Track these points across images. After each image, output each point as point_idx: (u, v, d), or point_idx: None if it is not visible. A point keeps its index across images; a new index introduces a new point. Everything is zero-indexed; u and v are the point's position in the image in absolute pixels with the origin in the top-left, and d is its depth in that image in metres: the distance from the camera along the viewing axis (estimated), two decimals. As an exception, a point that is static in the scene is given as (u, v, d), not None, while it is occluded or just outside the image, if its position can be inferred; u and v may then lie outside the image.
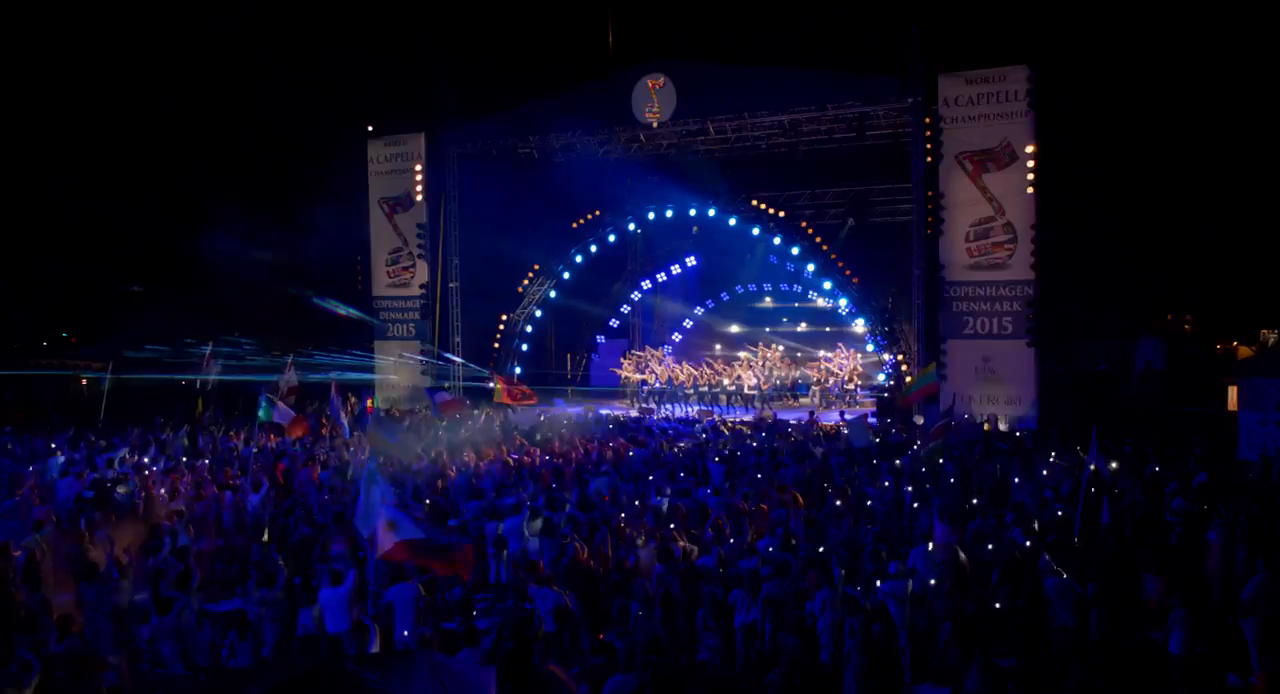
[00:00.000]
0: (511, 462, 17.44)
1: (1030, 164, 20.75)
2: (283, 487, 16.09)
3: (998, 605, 9.72)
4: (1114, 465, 14.86)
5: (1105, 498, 12.78)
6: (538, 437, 20.60)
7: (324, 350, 25.65)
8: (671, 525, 12.58)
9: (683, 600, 10.08)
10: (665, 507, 13.63)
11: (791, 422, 22.00)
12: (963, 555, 10.76)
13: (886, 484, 14.74)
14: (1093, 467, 12.83)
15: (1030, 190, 20.76)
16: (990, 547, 11.58)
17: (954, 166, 21.50)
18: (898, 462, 16.39)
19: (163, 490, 15.14)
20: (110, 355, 23.95)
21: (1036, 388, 20.93)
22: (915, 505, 12.74)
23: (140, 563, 11.01)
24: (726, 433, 20.71)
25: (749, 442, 19.23)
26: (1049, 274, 20.77)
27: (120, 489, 14.54)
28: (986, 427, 19.90)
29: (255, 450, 17.79)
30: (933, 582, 10.21)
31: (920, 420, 20.87)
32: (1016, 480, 14.64)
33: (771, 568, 10.53)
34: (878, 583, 9.96)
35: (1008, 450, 17.53)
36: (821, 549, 11.22)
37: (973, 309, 21.50)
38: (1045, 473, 15.19)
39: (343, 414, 21.23)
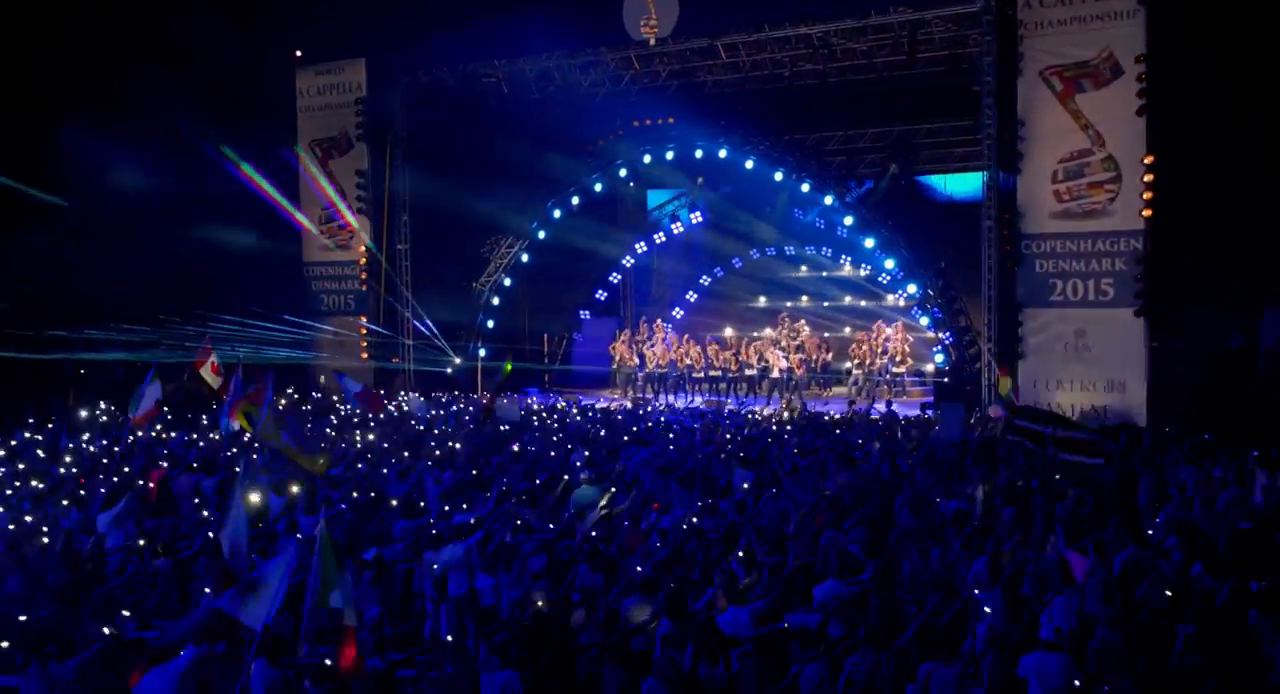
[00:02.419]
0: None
1: (1140, 80, 18.38)
2: (155, 500, 13.36)
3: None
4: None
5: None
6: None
7: (245, 326, 23.29)
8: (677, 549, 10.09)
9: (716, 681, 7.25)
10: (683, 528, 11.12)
11: (829, 414, 19.75)
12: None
13: (977, 495, 12.02)
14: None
15: (1140, 114, 18.39)
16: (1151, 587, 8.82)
17: (1037, 85, 19.18)
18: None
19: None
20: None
21: (1148, 370, 18.62)
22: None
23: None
24: (743, 429, 18.21)
25: (774, 438, 16.65)
26: (1163, 223, 18.41)
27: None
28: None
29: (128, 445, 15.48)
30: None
31: (997, 413, 18.28)
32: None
33: (844, 627, 7.76)
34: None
35: (1121, 451, 14.98)
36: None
37: (1061, 269, 19.30)
38: (1190, 481, 12.61)
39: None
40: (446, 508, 12.28)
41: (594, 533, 10.97)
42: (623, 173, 25.47)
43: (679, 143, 24.13)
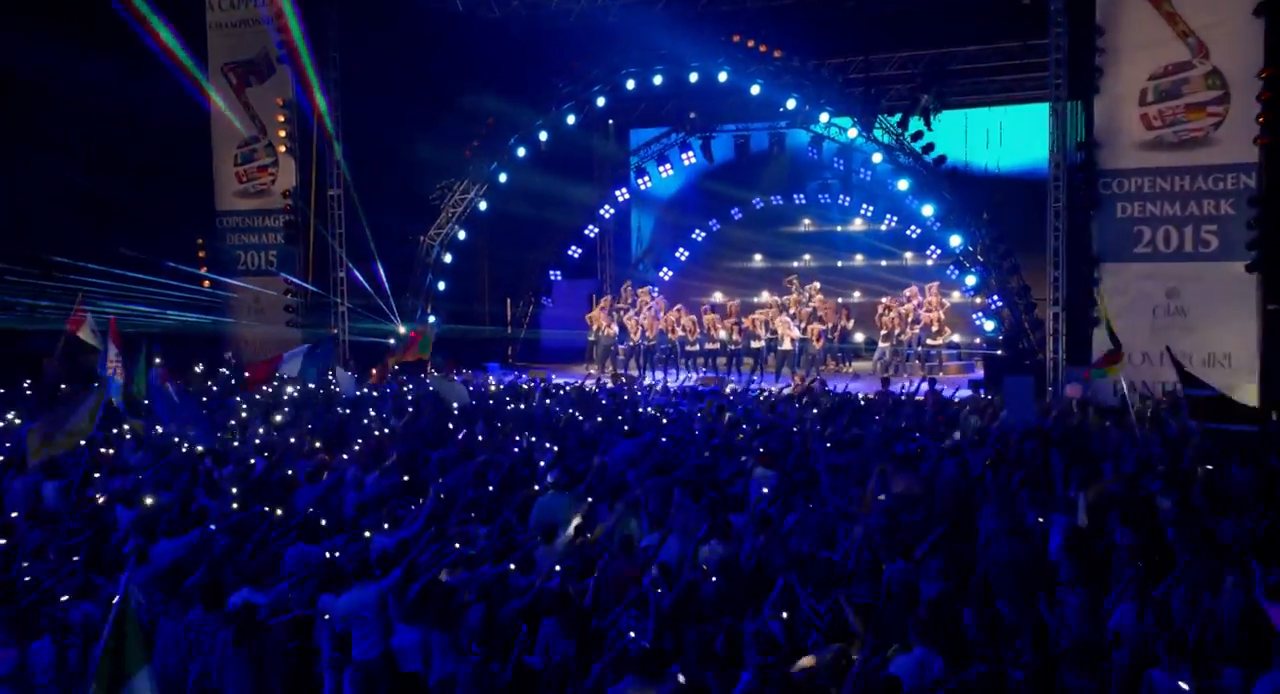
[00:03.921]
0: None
1: (1256, -27, 16.83)
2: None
3: None
4: None
5: None
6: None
7: (130, 282, 21.22)
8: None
9: None
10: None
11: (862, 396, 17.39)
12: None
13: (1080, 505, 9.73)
14: None
15: (1258, 14, 16.78)
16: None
17: (1123, -17, 17.69)
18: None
19: None
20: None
21: (1261, 340, 17.20)
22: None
23: None
24: (755, 414, 15.63)
25: (799, 426, 14.11)
26: (1280, 156, 17.10)
27: None
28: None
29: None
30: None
31: (1075, 391, 16.74)
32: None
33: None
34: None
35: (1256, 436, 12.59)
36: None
37: (1149, 214, 17.99)
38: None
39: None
40: (367, 533, 9.54)
41: (561, 567, 8.39)
42: (600, 102, 23.86)
43: (669, 64, 22.36)
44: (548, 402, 17.33)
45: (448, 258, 25.52)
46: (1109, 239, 18.19)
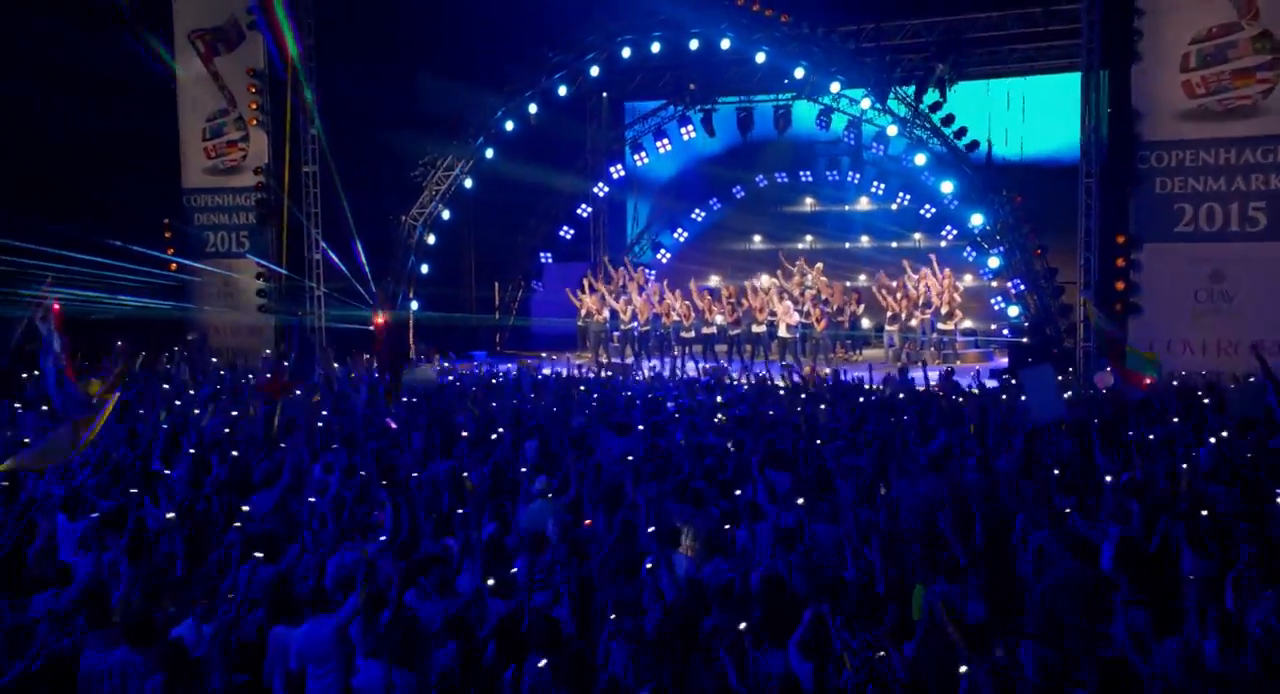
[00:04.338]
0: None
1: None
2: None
3: None
4: None
5: None
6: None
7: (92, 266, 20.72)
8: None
9: None
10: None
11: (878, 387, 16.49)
12: None
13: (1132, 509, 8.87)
14: None
15: None
16: None
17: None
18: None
19: None
20: None
21: None
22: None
23: None
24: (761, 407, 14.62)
25: (807, 420, 13.14)
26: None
27: None
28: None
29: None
30: None
31: (1106, 380, 15.71)
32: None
33: None
34: None
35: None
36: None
37: (1191, 189, 17.47)
38: None
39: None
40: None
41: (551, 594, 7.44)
42: (594, 72, 23.17)
43: (668, 30, 21.66)
44: (532, 394, 16.33)
45: (431, 239, 25.11)
46: (1147, 218, 17.66)
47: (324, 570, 8.01)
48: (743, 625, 6.37)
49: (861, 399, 14.93)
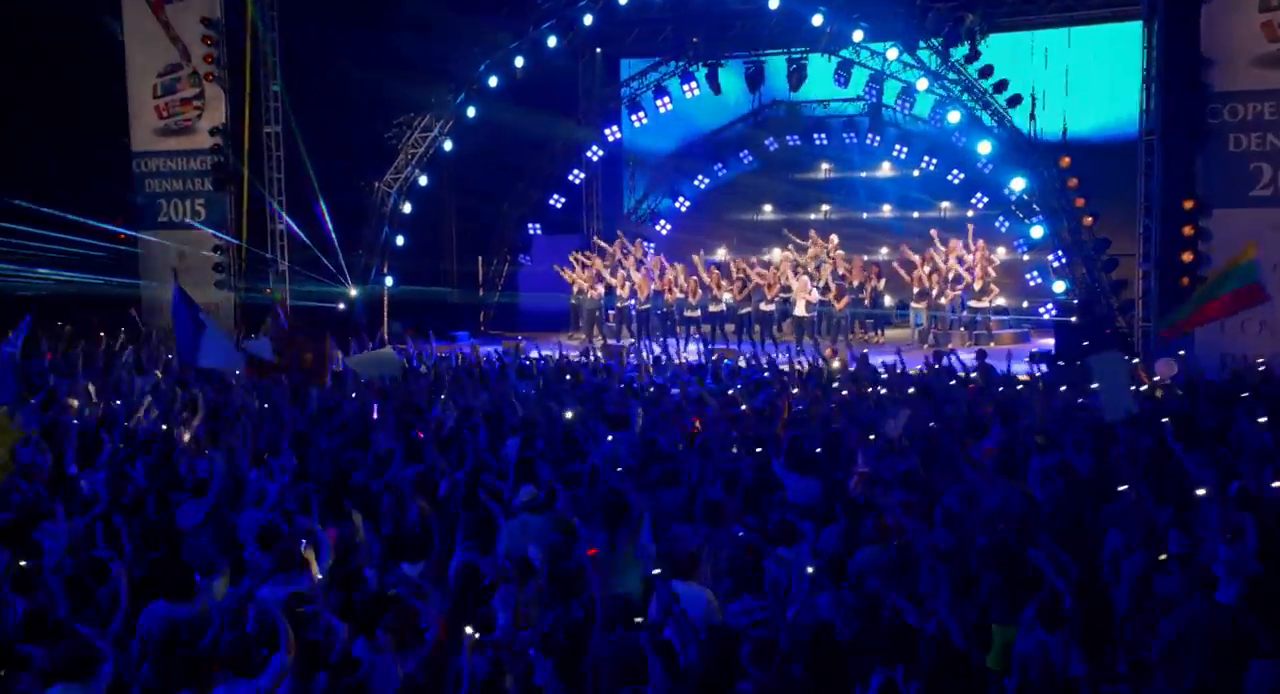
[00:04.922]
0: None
1: None
2: None
3: None
4: None
5: None
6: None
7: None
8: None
9: None
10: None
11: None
12: None
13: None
14: None
15: None
16: None
17: None
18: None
19: None
20: None
21: None
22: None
23: None
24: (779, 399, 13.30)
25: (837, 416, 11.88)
26: None
27: None
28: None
29: None
30: None
31: (1169, 369, 14.30)
32: None
33: None
34: None
35: None
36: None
37: (1272, 146, 16.27)
38: None
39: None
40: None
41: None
42: (588, 21, 22.41)
43: None
44: (516, 380, 15.01)
45: (407, 207, 24.56)
46: (1218, 180, 16.52)
47: (244, 614, 6.66)
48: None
49: (911, 390, 13.56)
